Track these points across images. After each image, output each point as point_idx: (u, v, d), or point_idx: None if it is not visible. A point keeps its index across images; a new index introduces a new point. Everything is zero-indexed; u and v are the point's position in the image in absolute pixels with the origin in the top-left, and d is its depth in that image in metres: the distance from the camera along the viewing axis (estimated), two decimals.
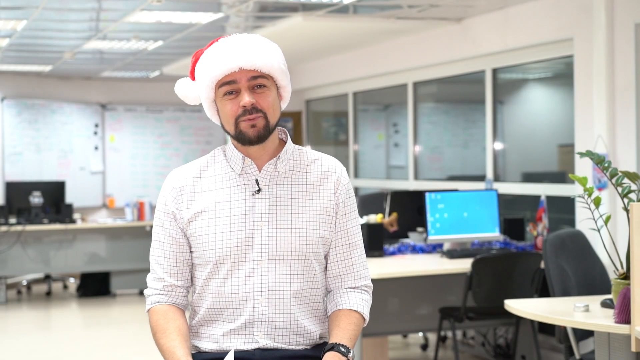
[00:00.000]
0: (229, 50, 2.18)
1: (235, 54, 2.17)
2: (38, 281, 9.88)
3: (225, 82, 2.18)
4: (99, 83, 10.81)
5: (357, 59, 8.29)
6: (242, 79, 2.17)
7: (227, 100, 2.19)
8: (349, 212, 2.31)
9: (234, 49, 2.18)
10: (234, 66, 2.16)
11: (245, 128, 2.18)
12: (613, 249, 4.11)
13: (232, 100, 2.19)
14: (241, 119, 2.18)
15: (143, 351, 6.58)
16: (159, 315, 2.24)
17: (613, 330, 3.31)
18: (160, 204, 2.28)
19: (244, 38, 2.21)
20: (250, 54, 2.17)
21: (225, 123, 2.22)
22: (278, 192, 2.24)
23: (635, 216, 3.01)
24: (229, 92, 2.19)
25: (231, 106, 2.19)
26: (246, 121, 2.18)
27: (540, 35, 5.90)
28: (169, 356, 2.16)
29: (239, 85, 2.18)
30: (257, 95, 2.18)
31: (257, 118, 2.18)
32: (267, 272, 2.20)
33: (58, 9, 6.21)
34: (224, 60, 2.17)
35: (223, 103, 2.21)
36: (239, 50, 2.17)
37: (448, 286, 5.45)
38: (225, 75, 2.18)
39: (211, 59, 2.19)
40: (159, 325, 2.23)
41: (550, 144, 6.54)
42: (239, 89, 2.18)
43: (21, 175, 9.85)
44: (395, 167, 8.47)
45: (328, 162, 2.32)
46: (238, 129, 2.19)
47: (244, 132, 2.19)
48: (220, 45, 2.21)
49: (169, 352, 2.17)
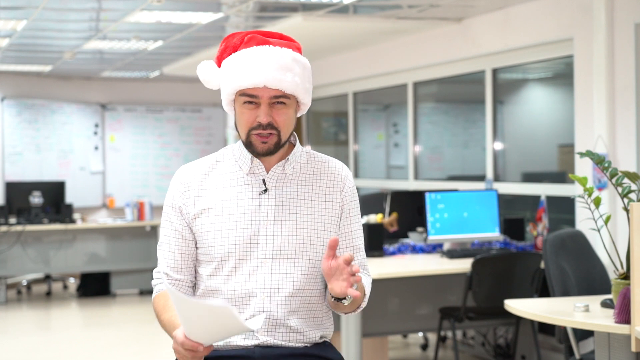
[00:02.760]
0: (258, 64, 2.16)
1: (264, 70, 2.15)
2: (38, 281, 9.89)
3: (247, 93, 2.18)
4: (99, 83, 10.81)
5: (357, 59, 8.29)
6: (264, 95, 2.17)
7: (245, 109, 2.20)
8: (354, 214, 2.33)
9: (262, 63, 2.15)
10: (259, 83, 2.15)
11: (256, 142, 2.20)
12: (613, 249, 4.11)
13: (251, 110, 2.19)
14: (254, 132, 2.19)
15: (143, 351, 6.58)
16: (161, 297, 2.28)
17: (613, 330, 3.31)
18: (168, 198, 2.31)
19: (275, 53, 2.18)
20: (278, 73, 2.15)
21: (240, 127, 2.23)
22: (284, 193, 2.26)
23: (635, 216, 3.01)
24: (248, 102, 2.19)
25: (248, 116, 2.20)
26: (257, 136, 2.19)
27: (540, 35, 5.90)
28: (169, 327, 2.18)
29: (260, 100, 2.18)
30: (275, 111, 2.19)
31: (271, 135, 2.19)
32: (270, 270, 2.22)
33: (58, 9, 6.21)
34: (251, 73, 2.15)
35: (241, 110, 2.21)
36: (267, 67, 2.15)
37: (448, 286, 5.44)
38: (249, 88, 2.17)
39: (239, 66, 2.18)
40: (160, 304, 2.26)
41: (550, 144, 6.54)
42: (259, 103, 2.18)
43: (21, 175, 9.85)
44: (395, 167, 8.47)
45: (335, 165, 2.34)
46: (249, 139, 2.21)
47: (254, 145, 2.21)
48: (252, 54, 2.18)
49: (169, 324, 2.19)
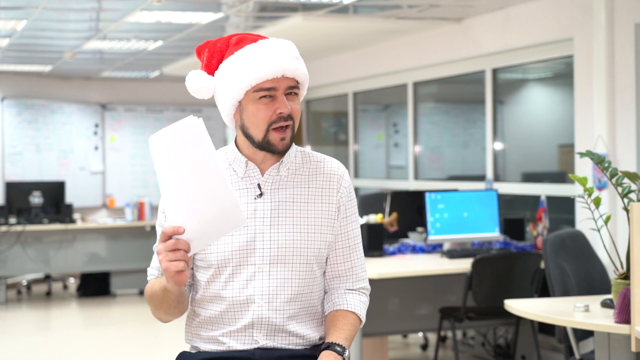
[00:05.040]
0: (272, 55, 2.13)
1: (280, 59, 2.13)
2: (38, 281, 9.89)
3: (263, 87, 2.14)
4: (99, 83, 10.81)
5: (357, 59, 8.29)
6: (281, 86, 2.15)
7: (261, 104, 2.15)
8: (350, 214, 2.31)
9: (277, 53, 2.14)
10: (278, 72, 2.12)
11: (274, 140, 2.16)
12: (613, 249, 4.11)
13: (267, 105, 2.15)
14: (274, 126, 2.15)
15: (143, 351, 6.58)
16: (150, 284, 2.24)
17: (613, 330, 3.31)
18: (163, 203, 2.28)
19: (284, 44, 2.17)
20: (294, 62, 2.14)
21: (254, 127, 2.17)
22: (280, 196, 2.23)
23: (635, 216, 3.01)
24: (264, 96, 2.15)
25: (265, 111, 2.15)
26: (277, 131, 2.15)
27: (540, 35, 5.90)
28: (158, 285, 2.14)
29: (277, 92, 2.15)
30: (290, 103, 2.17)
31: (288, 128, 2.16)
32: (268, 275, 2.20)
33: (58, 9, 6.21)
34: (268, 64, 2.12)
35: (257, 107, 2.15)
36: (283, 56, 2.14)
37: (448, 286, 5.44)
38: (267, 80, 2.13)
39: (251, 61, 2.13)
40: (150, 285, 2.22)
41: (550, 144, 6.54)
42: (276, 95, 2.15)
43: (21, 175, 9.85)
44: (395, 167, 8.47)
45: (330, 164, 2.30)
46: (267, 138, 2.16)
47: (272, 143, 2.16)
48: (261, 47, 2.15)
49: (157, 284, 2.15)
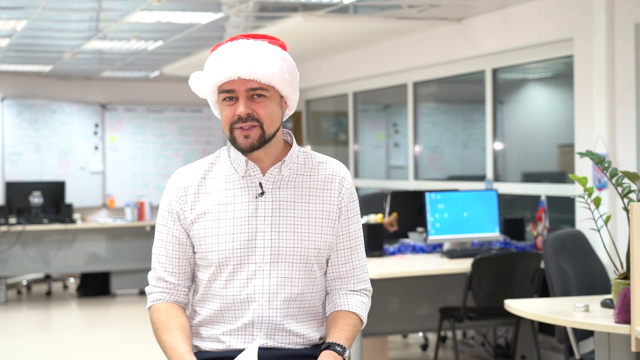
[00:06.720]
0: (230, 58, 2.17)
1: (236, 62, 2.16)
2: (38, 281, 9.88)
3: (224, 89, 2.19)
4: (99, 83, 10.81)
5: (357, 59, 8.29)
6: (240, 88, 2.17)
7: (225, 106, 2.20)
8: (352, 215, 2.31)
9: (235, 56, 2.16)
10: (233, 75, 2.16)
11: (238, 137, 2.19)
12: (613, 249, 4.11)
13: (230, 106, 2.19)
14: (235, 126, 2.18)
15: (143, 351, 6.58)
16: (161, 312, 2.25)
17: (613, 330, 3.31)
18: (165, 203, 2.29)
19: (248, 45, 2.19)
20: (250, 64, 2.15)
21: (223, 127, 2.23)
22: (281, 196, 2.23)
23: (635, 216, 3.01)
24: (228, 97, 2.19)
25: (228, 112, 2.19)
26: (240, 130, 2.18)
27: (540, 35, 5.90)
28: (172, 352, 2.16)
29: (237, 94, 2.18)
30: (255, 104, 2.18)
31: (252, 128, 2.17)
32: (268, 274, 2.20)
33: (58, 9, 6.21)
34: (224, 67, 2.16)
35: (222, 108, 2.21)
36: (240, 59, 2.16)
37: (448, 286, 5.44)
38: (225, 83, 2.18)
39: (214, 63, 2.19)
40: (161, 321, 2.23)
41: (550, 144, 6.54)
42: (238, 97, 2.18)
43: (21, 175, 9.85)
44: (395, 167, 8.47)
45: (333, 165, 2.31)
46: (232, 135, 2.20)
47: (237, 140, 2.19)
48: (224, 50, 2.20)
49: (171, 348, 2.17)
